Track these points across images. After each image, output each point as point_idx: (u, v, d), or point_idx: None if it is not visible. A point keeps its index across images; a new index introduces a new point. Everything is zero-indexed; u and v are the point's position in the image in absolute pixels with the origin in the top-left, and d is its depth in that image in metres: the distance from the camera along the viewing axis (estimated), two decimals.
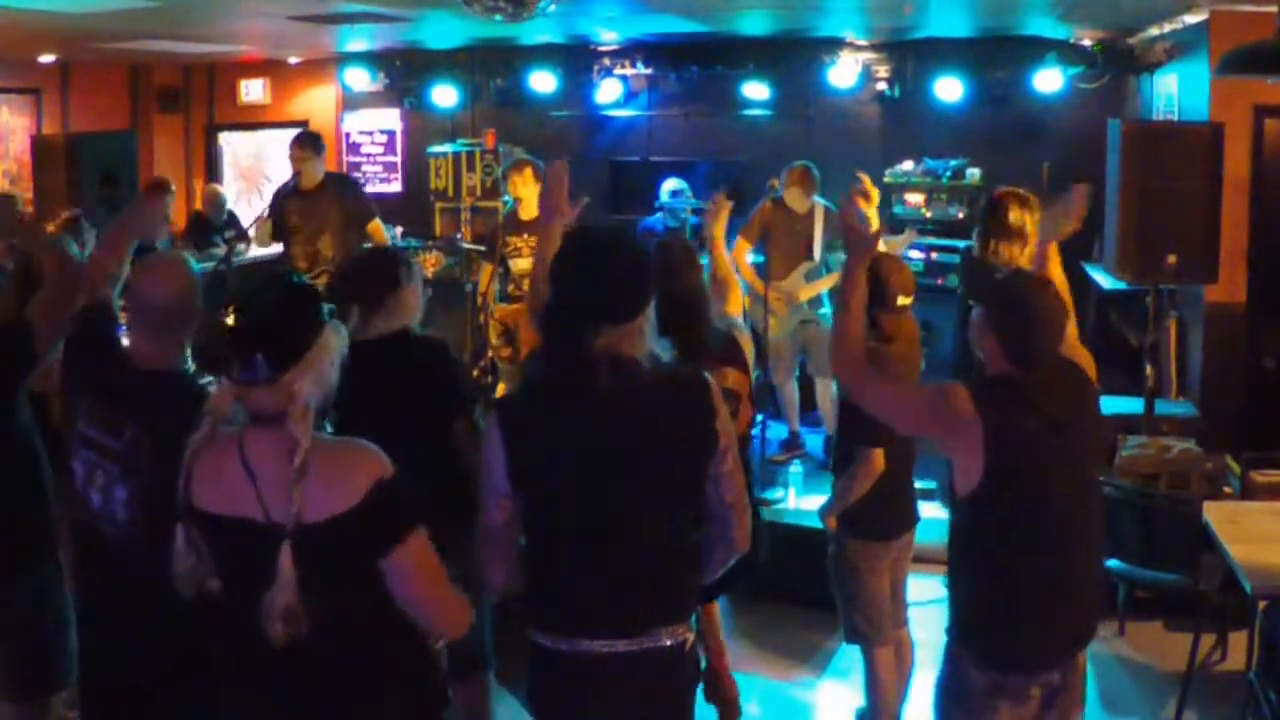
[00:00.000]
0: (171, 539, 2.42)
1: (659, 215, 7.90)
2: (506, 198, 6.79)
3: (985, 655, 2.87)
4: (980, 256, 4.72)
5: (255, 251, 8.23)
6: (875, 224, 6.33)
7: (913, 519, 4.11)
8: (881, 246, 6.51)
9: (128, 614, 2.79)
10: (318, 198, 6.40)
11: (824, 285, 6.95)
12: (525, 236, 6.50)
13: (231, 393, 2.25)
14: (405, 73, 9.46)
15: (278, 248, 6.69)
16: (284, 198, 6.46)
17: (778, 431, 7.42)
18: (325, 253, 6.38)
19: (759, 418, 7.00)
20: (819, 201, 6.99)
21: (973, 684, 2.87)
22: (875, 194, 6.50)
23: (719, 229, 4.22)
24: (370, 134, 10.15)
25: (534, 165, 6.58)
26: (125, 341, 3.01)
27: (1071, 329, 3.04)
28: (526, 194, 6.54)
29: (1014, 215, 4.65)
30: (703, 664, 3.17)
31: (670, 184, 8.02)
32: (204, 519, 2.26)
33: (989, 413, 2.74)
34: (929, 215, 8.10)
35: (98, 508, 2.78)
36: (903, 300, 3.88)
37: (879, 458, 3.81)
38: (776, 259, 6.92)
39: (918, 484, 4.23)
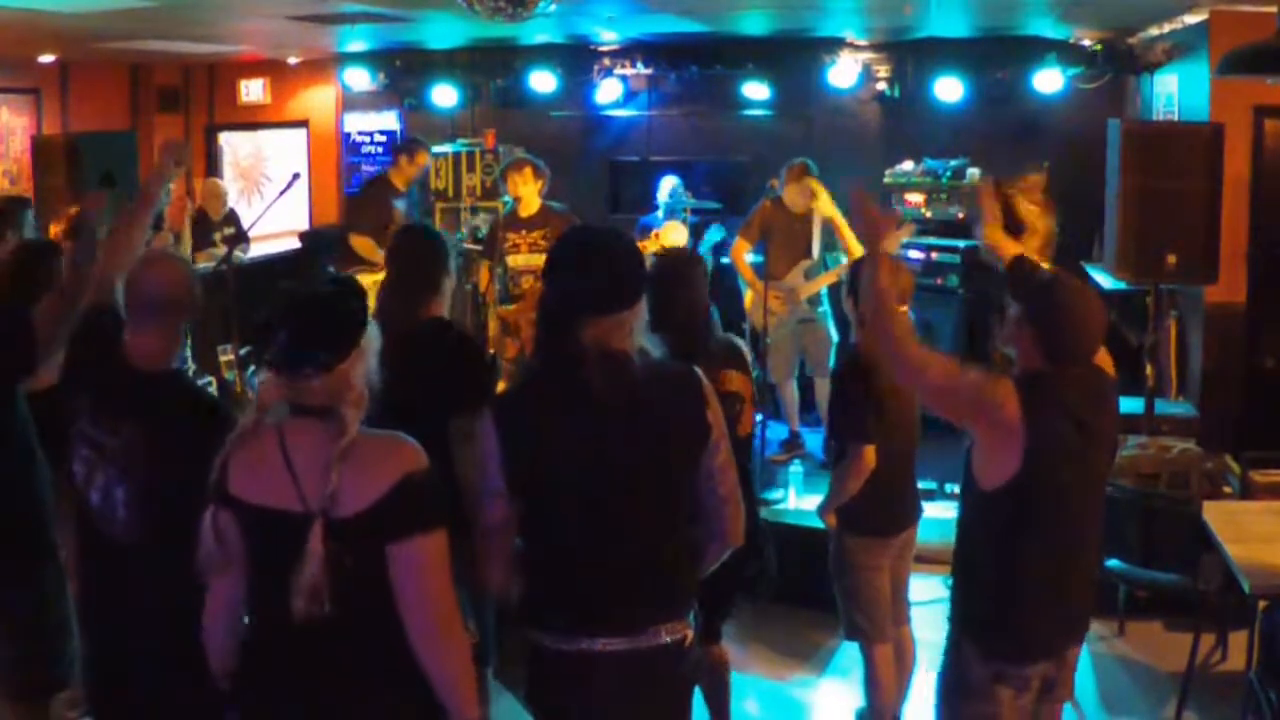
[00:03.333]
0: (172, 537, 2.44)
1: (657, 214, 7.91)
2: (506, 198, 6.80)
3: (990, 645, 2.90)
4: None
5: (256, 251, 8.26)
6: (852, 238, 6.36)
7: (913, 515, 4.10)
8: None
9: (129, 613, 2.79)
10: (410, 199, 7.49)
11: (824, 282, 6.94)
12: (523, 233, 6.58)
13: (279, 386, 2.30)
14: (405, 73, 9.44)
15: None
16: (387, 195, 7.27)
17: (778, 432, 7.42)
18: None
19: (758, 418, 7.00)
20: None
21: (975, 674, 2.91)
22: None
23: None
24: (370, 134, 10.14)
25: (533, 164, 6.62)
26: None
27: None
28: (526, 192, 6.57)
29: (1019, 209, 4.59)
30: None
31: (668, 182, 8.02)
32: (240, 507, 2.30)
33: (1031, 411, 2.76)
34: (929, 215, 8.09)
35: (97, 507, 2.79)
36: (902, 307, 3.89)
37: (870, 454, 3.82)
38: (776, 258, 6.93)
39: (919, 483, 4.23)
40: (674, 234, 6.90)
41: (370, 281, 6.92)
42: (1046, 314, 2.84)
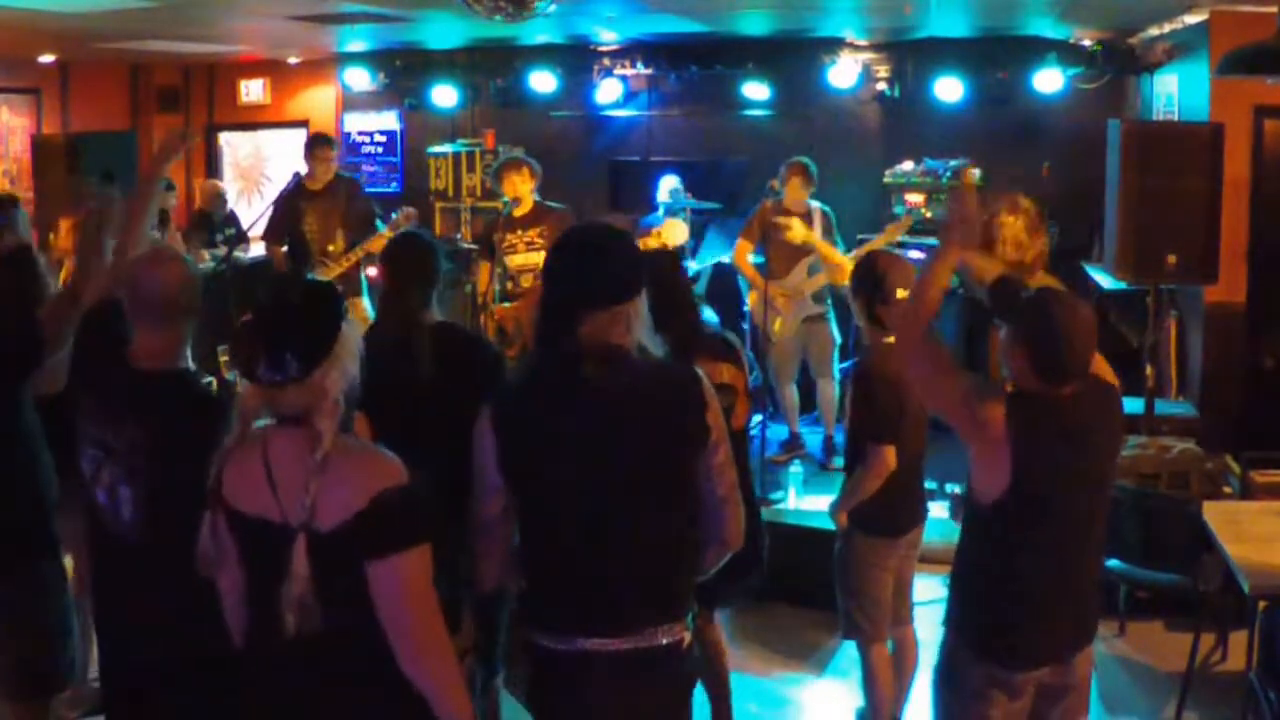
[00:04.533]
0: (178, 536, 2.46)
1: (658, 214, 7.91)
2: (505, 199, 6.79)
3: (982, 650, 2.90)
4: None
5: (256, 251, 8.26)
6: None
7: (921, 515, 4.11)
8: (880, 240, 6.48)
9: (138, 611, 2.79)
10: (330, 197, 7.11)
11: (827, 278, 6.93)
12: (519, 232, 6.58)
13: (259, 394, 2.27)
14: (405, 73, 9.44)
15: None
16: (295, 197, 6.99)
17: (778, 432, 7.42)
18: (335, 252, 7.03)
19: (758, 418, 7.00)
20: (815, 205, 7.00)
21: (969, 676, 2.91)
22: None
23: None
24: (370, 134, 10.15)
25: (529, 164, 6.65)
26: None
27: None
28: (524, 191, 6.58)
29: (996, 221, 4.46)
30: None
31: (668, 182, 8.02)
32: (230, 513, 2.30)
33: (1019, 435, 2.73)
34: (929, 215, 8.09)
35: (104, 505, 2.79)
36: (902, 294, 3.88)
37: (891, 455, 3.82)
38: (777, 258, 6.94)
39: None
40: (675, 231, 6.90)
41: None
42: (1034, 332, 2.79)
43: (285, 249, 6.95)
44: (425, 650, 2.26)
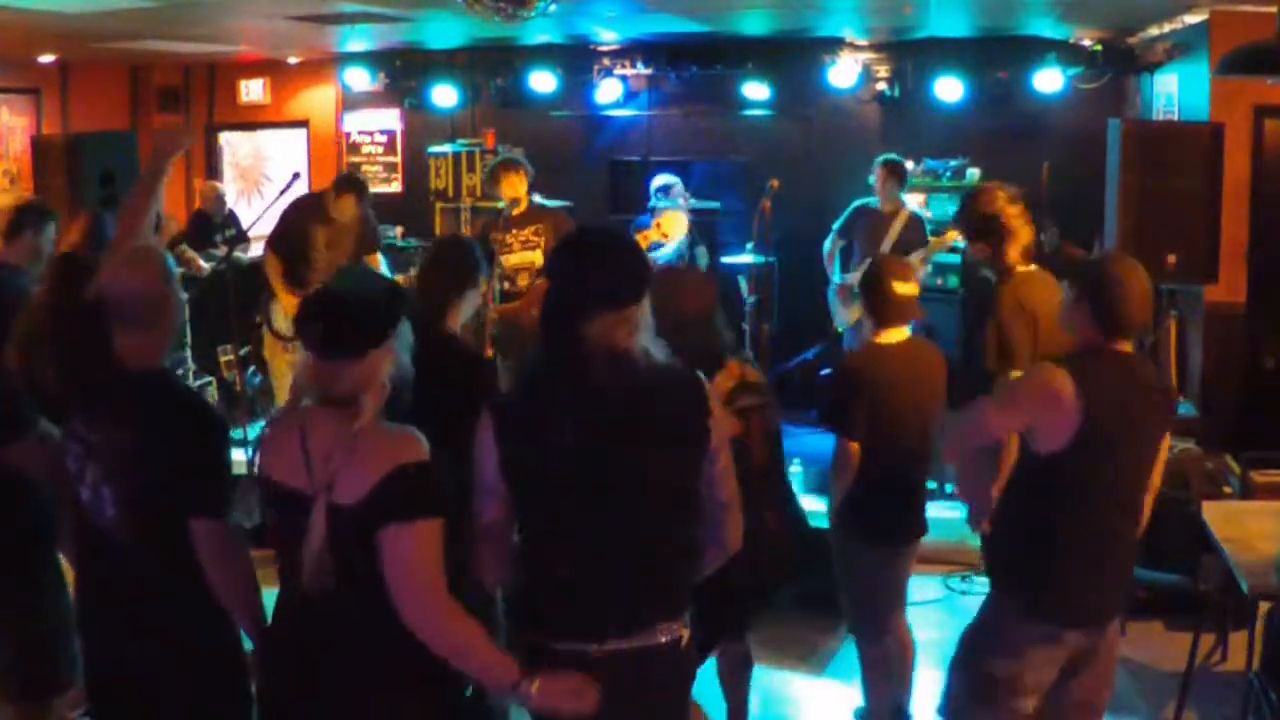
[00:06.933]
0: (160, 534, 2.66)
1: (648, 216, 7.92)
2: (502, 201, 6.78)
3: (1031, 604, 3.00)
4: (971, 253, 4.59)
5: (255, 251, 8.24)
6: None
7: (916, 532, 4.06)
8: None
9: (124, 608, 2.79)
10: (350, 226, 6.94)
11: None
12: (514, 231, 6.59)
13: (315, 369, 2.44)
14: (405, 73, 9.45)
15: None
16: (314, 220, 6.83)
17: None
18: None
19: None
20: (908, 208, 7.07)
21: (1011, 632, 3.01)
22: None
23: None
24: (370, 134, 10.14)
25: (524, 165, 6.67)
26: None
27: None
28: (521, 193, 6.58)
29: (997, 208, 4.40)
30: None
31: (660, 180, 8.01)
32: (267, 485, 2.47)
33: (1087, 385, 2.89)
34: (929, 215, 8.10)
35: (88, 502, 2.79)
36: (899, 287, 3.92)
37: (852, 449, 3.84)
38: (865, 254, 7.09)
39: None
40: (675, 222, 6.87)
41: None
42: (1096, 288, 2.98)
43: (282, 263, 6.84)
44: (430, 620, 2.35)
